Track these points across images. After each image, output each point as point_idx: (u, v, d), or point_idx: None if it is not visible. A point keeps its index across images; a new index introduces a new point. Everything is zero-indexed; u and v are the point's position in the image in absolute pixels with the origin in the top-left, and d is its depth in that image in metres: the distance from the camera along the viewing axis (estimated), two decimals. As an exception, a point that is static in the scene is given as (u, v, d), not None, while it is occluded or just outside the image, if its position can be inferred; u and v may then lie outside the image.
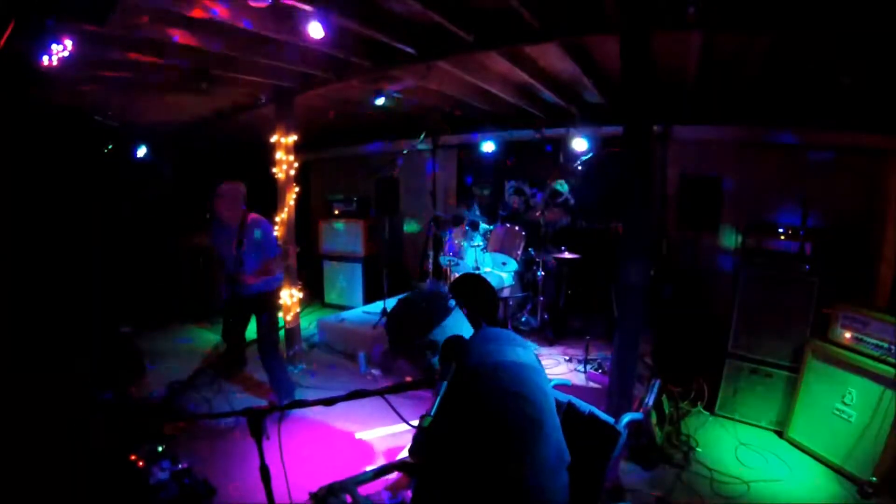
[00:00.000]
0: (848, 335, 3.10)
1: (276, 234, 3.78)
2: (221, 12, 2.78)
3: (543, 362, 1.54)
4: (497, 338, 1.50)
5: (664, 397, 3.33)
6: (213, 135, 6.55)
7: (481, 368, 1.37)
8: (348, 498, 1.38)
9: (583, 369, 4.09)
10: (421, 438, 1.47)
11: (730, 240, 4.85)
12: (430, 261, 5.82)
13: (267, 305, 3.69)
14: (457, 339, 1.42)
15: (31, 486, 2.66)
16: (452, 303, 1.54)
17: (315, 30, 2.85)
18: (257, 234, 3.51)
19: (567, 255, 4.93)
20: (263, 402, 3.82)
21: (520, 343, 1.51)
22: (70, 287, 5.09)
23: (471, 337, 1.50)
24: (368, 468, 1.47)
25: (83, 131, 5.27)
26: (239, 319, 3.76)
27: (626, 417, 1.64)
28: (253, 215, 3.55)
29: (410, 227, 7.38)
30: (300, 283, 4.85)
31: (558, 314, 5.23)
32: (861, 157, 4.11)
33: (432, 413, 1.28)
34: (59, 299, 4.89)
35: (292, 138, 4.69)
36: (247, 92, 4.65)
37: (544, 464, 1.32)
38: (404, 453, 1.64)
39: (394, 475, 1.57)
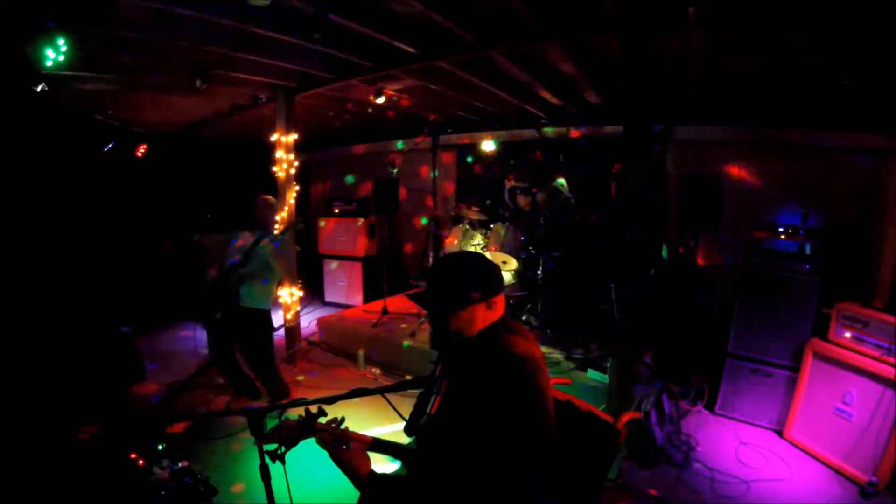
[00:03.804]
0: (848, 335, 3.10)
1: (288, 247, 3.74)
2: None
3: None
4: (520, 330, 1.48)
5: (664, 396, 3.33)
6: (213, 134, 6.55)
7: (501, 357, 1.36)
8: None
9: (583, 368, 4.08)
10: (416, 421, 1.46)
11: (729, 240, 4.85)
12: (431, 260, 5.81)
13: (259, 325, 3.66)
14: (458, 338, 1.42)
15: (32, 485, 2.67)
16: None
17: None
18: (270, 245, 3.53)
19: (567, 253, 4.93)
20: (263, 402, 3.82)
21: (535, 341, 1.50)
22: (70, 287, 5.09)
23: (499, 319, 1.46)
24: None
25: (83, 130, 5.27)
26: (227, 342, 3.68)
27: (626, 417, 1.64)
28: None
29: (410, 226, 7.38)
30: (300, 281, 4.84)
31: (558, 313, 5.22)
32: (861, 157, 4.11)
33: (429, 410, 1.28)
34: (59, 299, 4.90)
35: (292, 137, 4.69)
36: (247, 91, 4.66)
37: (538, 463, 1.32)
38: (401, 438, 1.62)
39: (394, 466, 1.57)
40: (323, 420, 1.43)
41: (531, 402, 1.29)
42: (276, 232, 3.68)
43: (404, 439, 1.55)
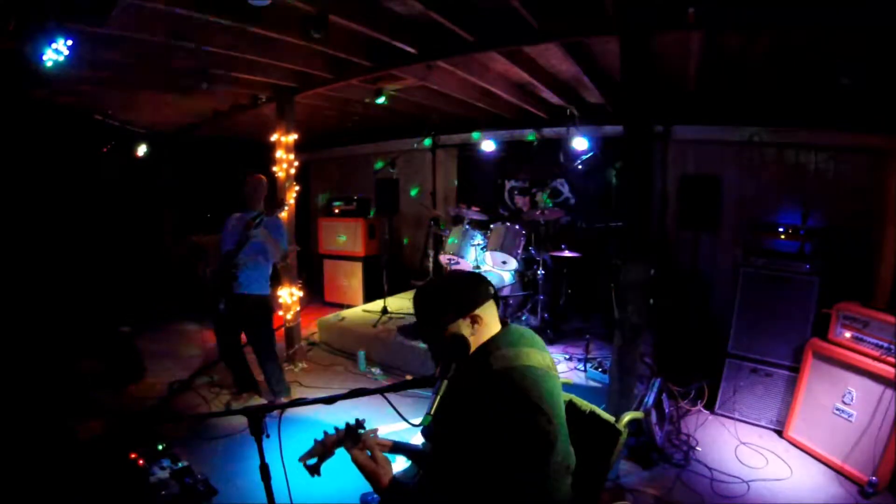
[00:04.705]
0: (848, 335, 3.10)
1: (284, 232, 3.72)
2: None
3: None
4: (524, 339, 1.47)
5: (664, 396, 3.33)
6: (213, 134, 6.56)
7: (506, 371, 1.35)
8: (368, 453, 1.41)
9: (583, 368, 4.09)
10: (431, 428, 1.47)
11: (729, 240, 4.85)
12: (431, 260, 5.82)
13: (262, 311, 3.66)
14: (460, 339, 1.41)
15: (32, 485, 2.67)
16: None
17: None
18: (266, 227, 3.47)
19: (567, 254, 4.93)
20: (262, 401, 3.81)
21: (543, 346, 1.49)
22: (70, 287, 5.10)
23: (497, 334, 1.46)
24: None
25: (83, 130, 5.28)
26: (233, 331, 3.69)
27: (627, 416, 1.64)
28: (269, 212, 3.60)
29: (409, 229, 7.38)
30: (300, 281, 4.85)
31: (558, 313, 5.23)
32: (861, 156, 4.11)
33: (431, 412, 1.28)
34: (59, 299, 4.90)
35: (292, 137, 4.69)
36: (247, 91, 4.66)
37: (551, 472, 1.32)
38: (417, 439, 1.65)
39: (401, 466, 1.59)
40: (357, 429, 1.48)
41: (532, 403, 1.29)
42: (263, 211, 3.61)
43: (404, 438, 1.56)
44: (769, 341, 3.51)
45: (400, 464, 1.58)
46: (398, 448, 1.57)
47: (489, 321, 1.46)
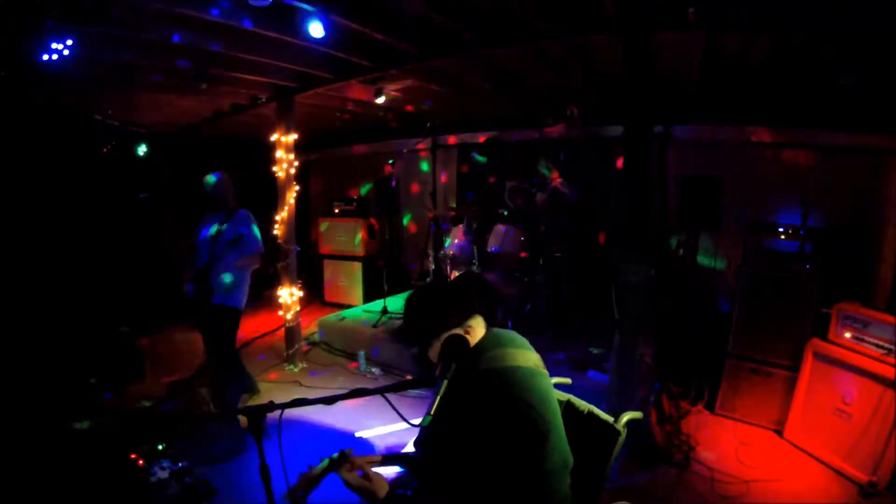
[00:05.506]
0: (848, 335, 3.10)
1: (257, 232, 3.73)
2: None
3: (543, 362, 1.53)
4: (509, 341, 1.48)
5: (664, 396, 3.33)
6: (213, 134, 6.55)
7: (494, 373, 1.36)
8: (359, 472, 1.39)
9: (583, 368, 4.09)
10: (425, 433, 1.47)
11: (730, 239, 4.85)
12: (431, 260, 5.81)
13: (227, 322, 3.64)
14: (459, 339, 1.41)
15: (32, 485, 2.67)
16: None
17: (315, 29, 2.90)
18: (239, 226, 3.53)
19: (567, 254, 4.93)
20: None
21: (528, 347, 1.50)
22: (70, 287, 5.09)
23: (482, 338, 1.48)
24: (377, 452, 1.52)
25: (83, 130, 5.27)
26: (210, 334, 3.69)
27: (626, 416, 1.64)
28: (241, 210, 3.66)
29: (409, 224, 7.38)
30: (300, 281, 4.84)
31: (558, 313, 5.23)
32: (861, 156, 4.11)
33: (431, 412, 1.28)
34: (58, 299, 4.90)
35: (292, 137, 4.69)
36: (247, 91, 4.66)
37: (548, 470, 1.32)
38: (409, 448, 1.64)
39: (395, 471, 1.58)
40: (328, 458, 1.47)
41: (522, 400, 1.30)
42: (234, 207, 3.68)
43: (404, 438, 1.55)
44: (769, 341, 3.51)
45: (393, 471, 1.58)
46: (389, 459, 1.57)
47: (476, 326, 1.48)
